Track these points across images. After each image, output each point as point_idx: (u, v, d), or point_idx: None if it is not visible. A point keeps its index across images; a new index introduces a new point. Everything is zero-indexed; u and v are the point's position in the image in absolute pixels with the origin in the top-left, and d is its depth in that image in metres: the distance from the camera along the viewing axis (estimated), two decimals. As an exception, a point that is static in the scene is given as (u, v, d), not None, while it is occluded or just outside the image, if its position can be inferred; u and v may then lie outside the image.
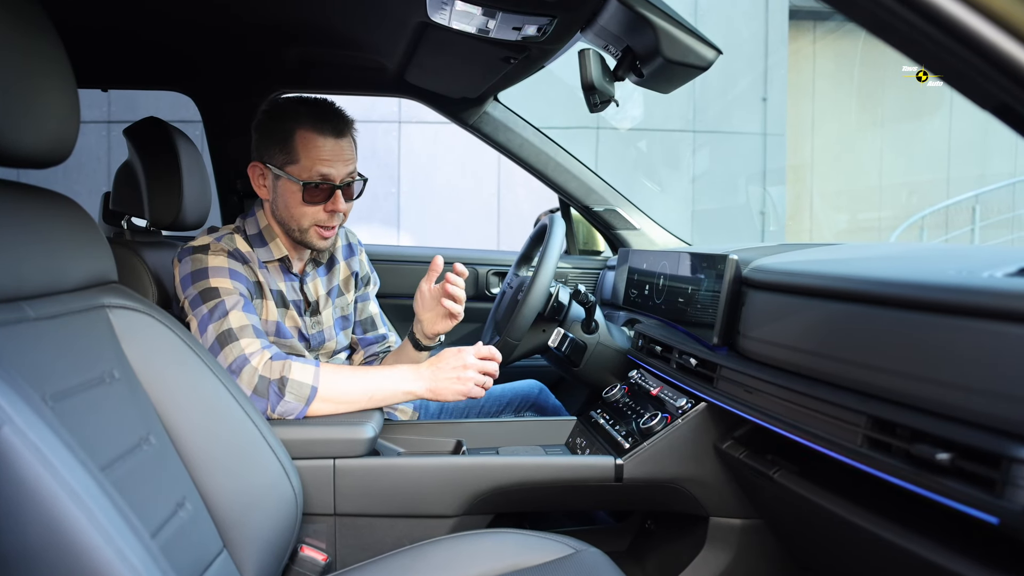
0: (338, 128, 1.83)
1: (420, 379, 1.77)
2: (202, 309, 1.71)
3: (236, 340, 1.67)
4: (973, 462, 0.92)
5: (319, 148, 1.80)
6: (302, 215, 1.84)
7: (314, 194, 1.82)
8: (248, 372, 1.65)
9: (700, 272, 1.82)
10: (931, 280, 1.04)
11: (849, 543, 1.29)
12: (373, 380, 1.75)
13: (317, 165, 1.80)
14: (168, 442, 1.27)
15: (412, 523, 1.67)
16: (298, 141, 1.80)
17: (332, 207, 1.84)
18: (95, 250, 1.29)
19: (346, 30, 2.15)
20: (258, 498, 1.39)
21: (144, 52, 2.37)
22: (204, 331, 1.69)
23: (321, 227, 1.86)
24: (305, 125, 1.80)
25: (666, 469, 1.69)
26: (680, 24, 1.57)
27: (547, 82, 2.55)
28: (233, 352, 1.66)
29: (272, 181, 1.86)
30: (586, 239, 3.07)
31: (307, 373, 1.68)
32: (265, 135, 1.86)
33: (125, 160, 2.14)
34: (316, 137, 1.80)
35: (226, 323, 1.69)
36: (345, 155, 1.84)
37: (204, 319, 1.70)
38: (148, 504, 1.11)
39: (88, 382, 1.10)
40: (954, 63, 0.76)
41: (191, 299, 1.73)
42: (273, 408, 1.65)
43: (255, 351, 1.67)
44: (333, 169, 1.81)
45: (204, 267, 1.75)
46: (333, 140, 1.82)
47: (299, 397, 1.65)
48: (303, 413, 1.67)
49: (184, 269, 1.77)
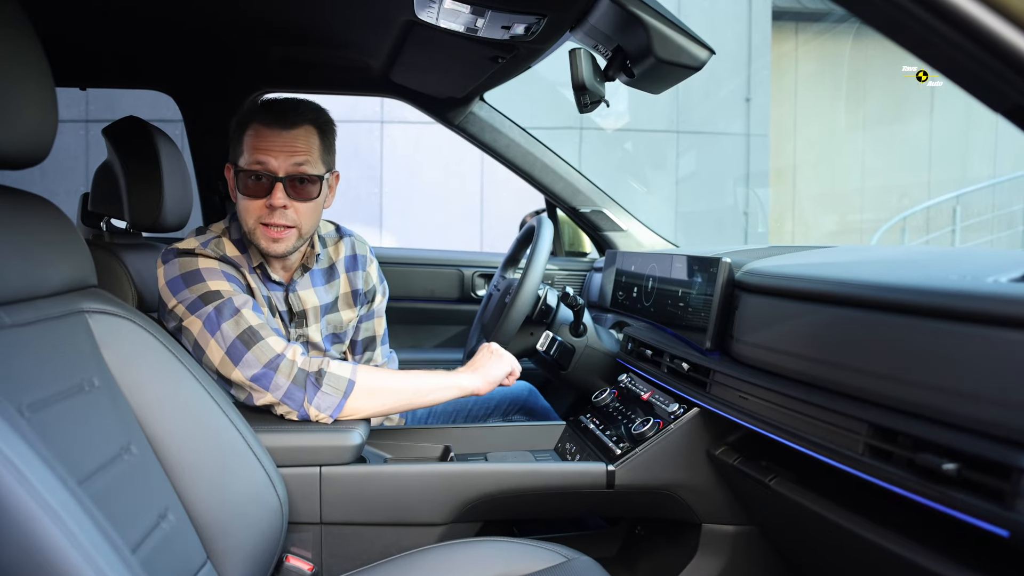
0: (288, 119, 1.74)
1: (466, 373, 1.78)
2: (206, 310, 1.65)
3: (262, 339, 1.63)
4: (981, 473, 0.90)
5: (260, 137, 1.73)
6: (244, 210, 1.75)
7: (250, 185, 1.73)
8: (286, 366, 1.61)
9: (691, 275, 1.80)
10: (935, 285, 1.01)
11: (847, 551, 1.27)
12: (419, 376, 1.73)
13: (255, 153, 1.72)
14: (150, 451, 1.24)
15: (400, 531, 1.63)
16: (247, 133, 1.75)
17: (270, 201, 1.72)
18: (73, 253, 1.25)
19: (330, 28, 2.11)
20: (242, 507, 1.36)
21: (123, 50, 2.32)
22: (215, 331, 1.63)
23: (265, 226, 1.74)
24: (258, 119, 1.75)
25: (658, 475, 1.67)
26: (672, 23, 1.55)
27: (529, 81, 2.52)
28: (264, 351, 1.62)
29: (233, 179, 1.80)
30: (572, 240, 3.05)
31: (344, 368, 1.65)
32: (231, 136, 1.82)
33: (104, 160, 2.09)
34: (262, 128, 1.74)
35: (243, 321, 1.64)
36: (291, 146, 1.73)
37: (211, 319, 1.64)
38: (129, 516, 1.07)
39: (67, 390, 1.07)
40: (967, 64, 0.74)
41: (188, 303, 1.66)
42: (310, 400, 1.61)
43: (284, 347, 1.64)
44: (272, 158, 1.72)
45: (195, 269, 1.69)
46: (279, 130, 1.73)
47: (337, 390, 1.62)
48: (340, 408, 1.63)
49: (171, 272, 1.70)
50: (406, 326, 2.91)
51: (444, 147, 8.22)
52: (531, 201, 3.10)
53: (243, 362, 1.62)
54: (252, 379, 1.62)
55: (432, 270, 2.95)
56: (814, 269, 1.40)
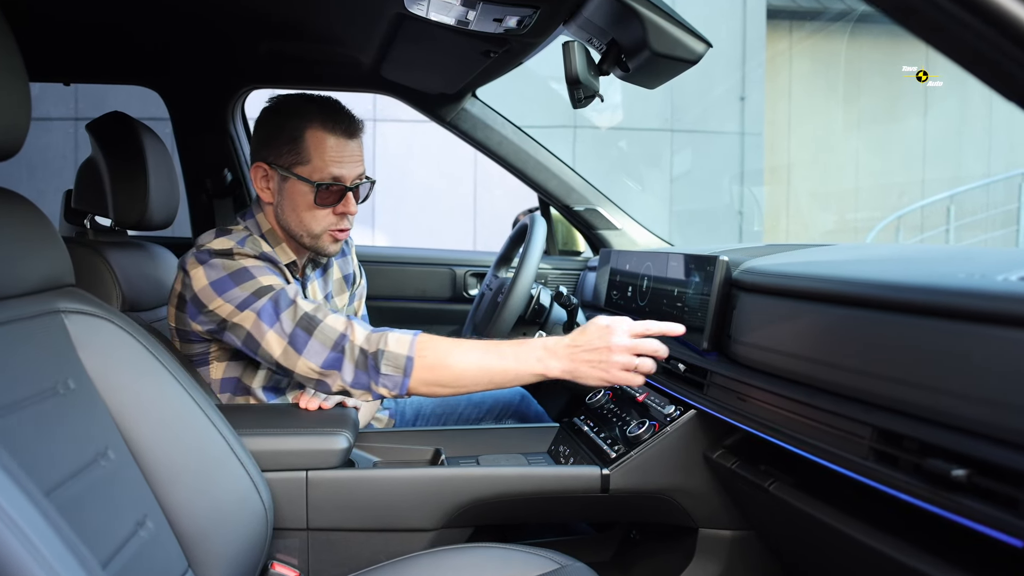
0: (350, 128, 1.75)
1: (555, 356, 1.57)
2: (260, 303, 1.61)
3: (320, 321, 1.59)
4: (992, 479, 0.86)
5: (331, 148, 1.72)
6: (313, 219, 1.75)
7: (326, 196, 1.73)
8: (350, 349, 1.57)
9: (687, 274, 1.76)
10: (943, 284, 0.98)
11: (848, 558, 1.24)
12: (490, 354, 1.59)
13: (330, 166, 1.71)
14: (128, 456, 1.19)
15: (389, 537, 1.60)
16: (309, 140, 1.72)
17: (343, 209, 1.76)
18: (49, 251, 1.21)
19: (319, 23, 2.07)
20: (226, 513, 1.32)
21: (107, 44, 2.28)
22: (273, 323, 1.59)
23: (333, 231, 1.78)
24: (316, 123, 1.72)
25: (654, 479, 1.63)
26: (668, 15, 1.52)
27: (523, 78, 2.49)
28: (327, 335, 1.58)
29: (278, 183, 1.76)
30: (566, 239, 3.02)
31: (403, 343, 1.58)
32: (271, 134, 1.76)
33: (88, 156, 2.05)
34: (328, 136, 1.72)
35: (299, 309, 1.60)
36: (356, 155, 1.76)
37: (268, 311, 1.60)
38: (104, 525, 1.03)
39: (38, 394, 1.03)
40: (983, 49, 0.70)
41: (241, 300, 1.61)
42: (376, 382, 1.57)
43: (345, 324, 1.60)
44: (345, 170, 1.73)
45: (243, 268, 1.65)
46: (345, 140, 1.74)
47: (396, 368, 1.56)
48: (404, 387, 1.57)
49: (214, 273, 1.64)
50: (397, 326, 2.86)
51: (437, 145, 8.19)
52: (525, 200, 3.07)
53: (308, 350, 1.58)
54: (324, 365, 1.58)
55: (424, 269, 2.91)
56: (815, 267, 1.37)
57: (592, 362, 1.55)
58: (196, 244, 1.71)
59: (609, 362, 1.54)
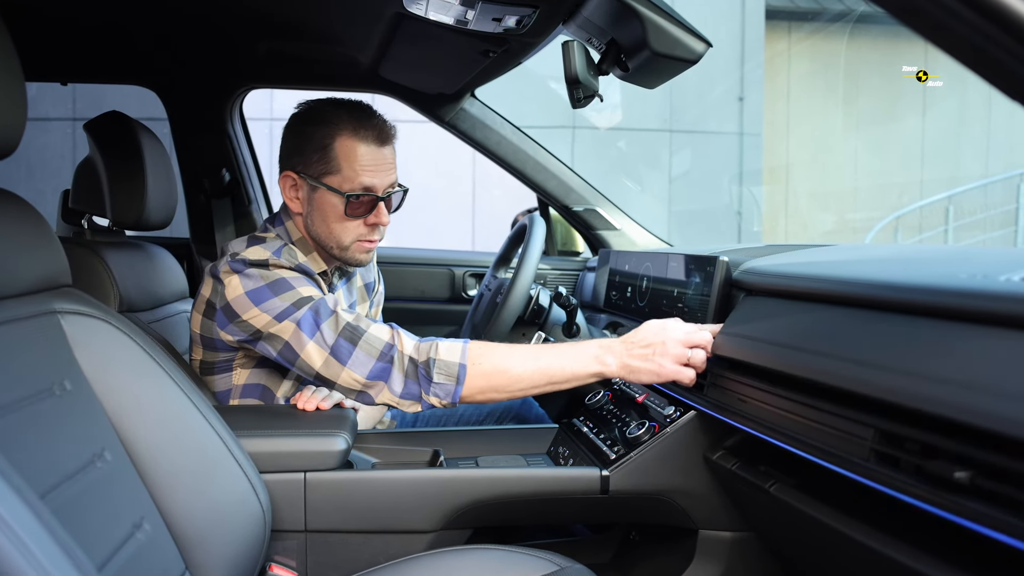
0: (381, 135, 1.71)
1: (611, 352, 1.55)
2: (300, 314, 1.57)
3: (365, 331, 1.56)
4: (996, 481, 0.85)
5: (362, 157, 1.68)
6: (343, 230, 1.72)
7: (356, 207, 1.70)
8: (398, 359, 1.55)
9: (687, 274, 1.76)
10: (945, 285, 0.97)
11: (849, 560, 1.23)
12: (546, 356, 1.56)
13: (361, 176, 1.68)
14: (125, 458, 1.19)
15: (388, 539, 1.59)
16: (338, 149, 1.68)
17: (375, 220, 1.73)
18: (45, 251, 1.20)
19: (318, 22, 2.07)
20: (224, 515, 1.31)
21: (105, 44, 2.27)
22: (313, 333, 1.56)
23: (364, 241, 1.75)
24: (346, 131, 1.68)
25: (654, 481, 1.62)
26: (668, 15, 1.51)
27: (522, 79, 2.48)
28: (373, 344, 1.55)
29: (307, 193, 1.72)
30: (565, 240, 3.01)
31: (454, 351, 1.55)
32: (299, 142, 1.72)
33: (86, 156, 2.04)
34: (359, 145, 1.68)
35: (340, 320, 1.57)
36: (388, 164, 1.73)
37: (308, 321, 1.56)
38: (100, 527, 1.02)
39: (34, 395, 1.02)
40: (987, 48, 0.69)
41: (280, 310, 1.58)
42: (427, 392, 1.55)
43: (391, 334, 1.58)
44: (377, 179, 1.70)
45: (281, 278, 1.61)
46: (376, 148, 1.70)
47: (449, 376, 1.53)
48: (458, 394, 1.54)
49: (251, 283, 1.60)
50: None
51: (435, 145, 8.16)
52: (524, 200, 3.06)
53: (353, 360, 1.55)
54: (370, 376, 1.55)
55: (422, 270, 2.91)
56: (816, 268, 1.36)
57: (646, 356, 1.53)
58: (229, 252, 1.67)
59: (664, 355, 1.52)
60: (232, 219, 2.76)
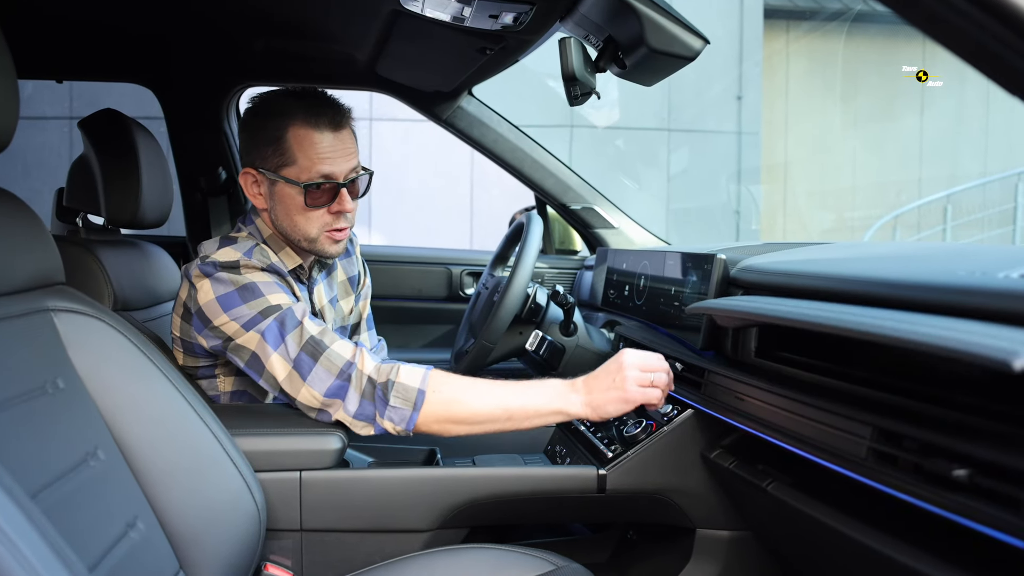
0: (335, 120, 1.66)
1: (574, 390, 1.57)
2: (265, 323, 1.54)
3: (327, 347, 1.53)
4: (995, 479, 0.85)
5: (316, 144, 1.63)
6: (307, 222, 1.67)
7: (317, 196, 1.64)
8: (357, 378, 1.52)
9: (685, 272, 1.75)
10: (944, 281, 0.96)
11: (847, 559, 1.22)
12: (509, 392, 1.55)
13: (317, 164, 1.63)
14: (119, 456, 1.18)
15: (383, 538, 1.58)
16: (292, 139, 1.63)
17: (338, 208, 1.67)
18: (38, 248, 1.19)
19: (314, 19, 2.06)
20: (218, 514, 1.31)
21: (100, 41, 2.26)
22: (278, 345, 1.53)
23: (331, 231, 1.69)
24: (298, 120, 1.63)
25: (651, 479, 1.62)
26: (665, 11, 1.50)
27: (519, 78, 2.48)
28: (333, 361, 1.52)
29: (268, 188, 1.68)
30: (563, 238, 3.00)
31: (415, 376, 1.52)
32: (254, 137, 1.68)
33: (80, 154, 2.03)
34: (312, 132, 1.63)
35: (305, 332, 1.53)
36: (346, 149, 1.67)
37: (274, 332, 1.53)
38: (93, 527, 1.02)
39: (26, 393, 1.01)
40: (985, 42, 0.68)
41: (247, 319, 1.55)
42: (381, 414, 1.51)
43: (353, 352, 1.54)
44: (335, 166, 1.64)
45: (250, 283, 1.57)
46: (331, 134, 1.65)
47: (406, 401, 1.50)
48: (412, 422, 1.51)
49: (221, 288, 1.57)
50: (393, 325, 2.85)
51: (434, 144, 8.17)
52: (522, 199, 3.05)
53: (312, 376, 1.52)
54: (327, 394, 1.52)
55: (420, 268, 2.90)
56: (814, 265, 1.35)
57: (608, 386, 1.55)
58: (200, 254, 1.64)
59: (625, 380, 1.53)
60: (228, 217, 2.75)
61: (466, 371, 1.98)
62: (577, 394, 1.56)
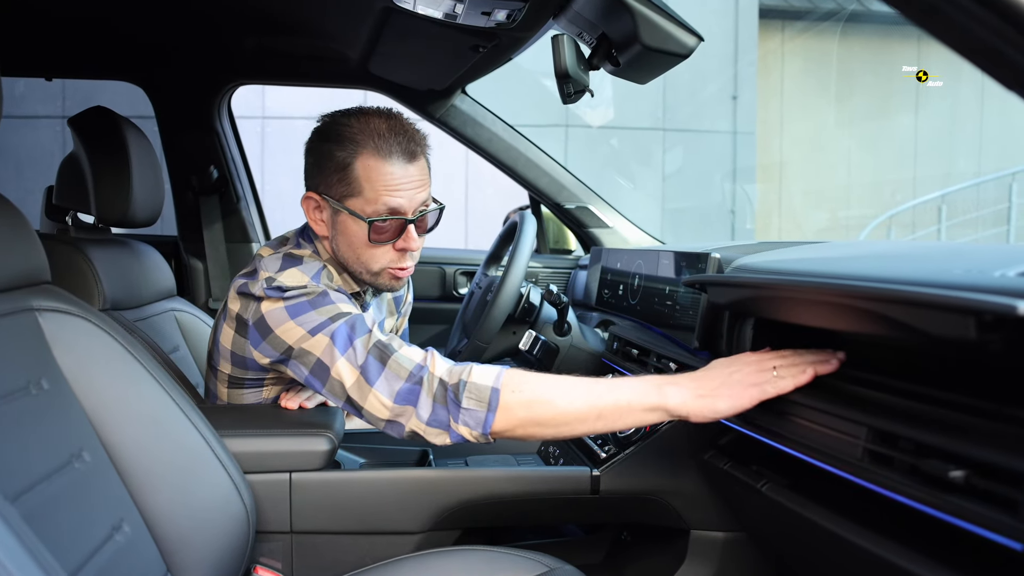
0: (409, 149, 1.55)
1: (673, 383, 1.32)
2: (334, 326, 1.43)
3: (395, 351, 1.41)
4: (991, 480, 0.84)
5: (386, 177, 1.53)
6: (371, 257, 1.58)
7: (382, 232, 1.55)
8: (428, 380, 1.38)
9: (679, 272, 1.74)
10: (942, 281, 0.95)
11: (842, 560, 1.21)
12: (599, 388, 1.35)
13: (384, 196, 1.53)
14: (105, 458, 1.16)
15: (375, 540, 1.56)
16: (360, 169, 1.53)
17: (404, 245, 1.58)
18: (23, 247, 1.18)
19: (306, 16, 2.05)
20: (206, 516, 1.29)
21: (90, 38, 2.24)
22: (346, 350, 1.42)
23: (394, 269, 1.61)
24: (368, 148, 1.53)
25: (645, 481, 1.61)
26: (659, 8, 1.49)
27: (513, 78, 2.46)
28: (402, 364, 1.39)
29: (331, 216, 1.59)
30: (557, 237, 2.99)
31: (487, 374, 1.36)
32: (320, 161, 1.58)
33: (70, 152, 2.01)
34: (382, 163, 1.53)
35: (373, 337, 1.43)
36: (418, 181, 1.57)
37: (342, 335, 1.42)
38: (76, 530, 1.00)
39: (9, 394, 0.99)
40: (980, 34, 0.67)
41: (315, 324, 1.44)
42: (455, 419, 1.36)
43: (424, 356, 1.42)
44: (404, 200, 1.54)
45: (322, 294, 1.49)
46: (403, 164, 1.55)
47: (479, 402, 1.34)
48: (488, 424, 1.34)
49: (287, 303, 1.48)
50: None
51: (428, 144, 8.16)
52: (517, 199, 3.04)
53: (380, 381, 1.39)
54: (397, 400, 1.38)
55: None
56: (808, 264, 1.34)
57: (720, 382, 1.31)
58: (262, 273, 1.53)
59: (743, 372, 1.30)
60: (220, 216, 2.73)
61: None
62: (677, 387, 1.32)
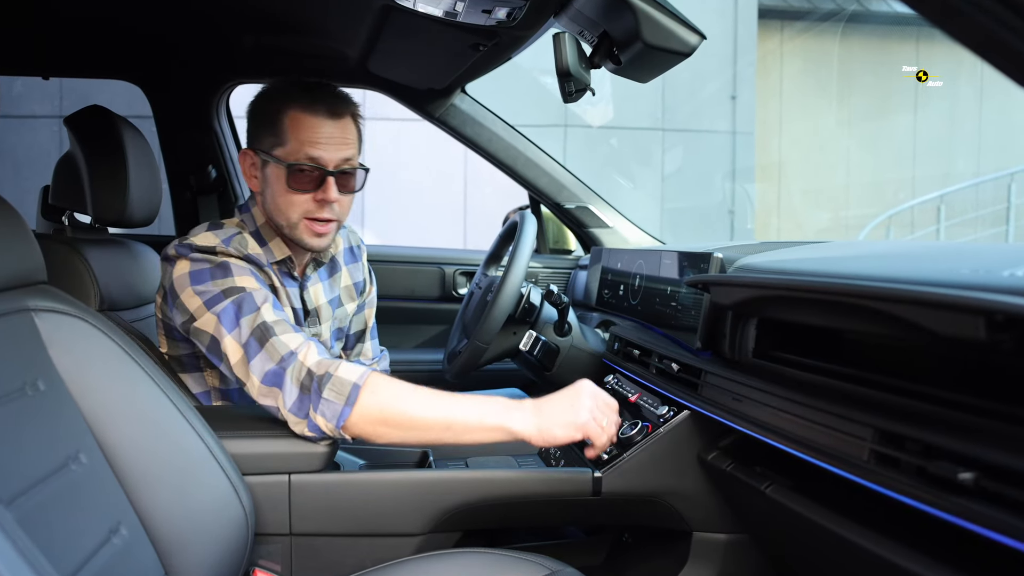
0: (334, 108, 1.66)
1: (520, 409, 1.48)
2: (223, 304, 1.51)
3: (275, 335, 1.47)
4: (1001, 483, 0.82)
5: (310, 128, 1.64)
6: (289, 204, 1.66)
7: (300, 179, 1.64)
8: (296, 368, 1.44)
9: (680, 271, 1.73)
10: (950, 280, 0.94)
11: (846, 563, 1.20)
12: (452, 402, 1.47)
13: (306, 147, 1.63)
14: (102, 460, 1.15)
15: (375, 542, 1.55)
16: (288, 121, 1.64)
17: (322, 195, 1.65)
18: (19, 247, 1.16)
19: (305, 14, 2.03)
20: (205, 518, 1.28)
21: (87, 37, 2.23)
22: (232, 328, 1.49)
23: (312, 220, 1.68)
24: (297, 104, 1.65)
25: (647, 482, 1.59)
26: (661, 6, 1.48)
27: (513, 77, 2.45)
28: (277, 348, 1.46)
29: (261, 168, 1.71)
30: (557, 237, 2.98)
31: (353, 372, 1.44)
32: (255, 118, 1.71)
33: (66, 151, 2.00)
34: (307, 116, 1.64)
35: (259, 317, 1.49)
36: (341, 138, 1.67)
37: (229, 314, 1.50)
38: (72, 533, 0.99)
39: (4, 395, 0.98)
40: (997, 31, 0.66)
41: (209, 296, 1.53)
42: (315, 407, 1.41)
43: (300, 344, 1.47)
44: (324, 152, 1.64)
45: (223, 263, 1.57)
46: (328, 120, 1.65)
47: (339, 395, 1.41)
48: (343, 417, 1.41)
49: (191, 266, 1.57)
50: (385, 326, 2.82)
51: (427, 143, 8.14)
52: (516, 198, 3.02)
53: (256, 360, 1.46)
54: (265, 380, 1.45)
55: (412, 268, 2.87)
56: (813, 264, 1.33)
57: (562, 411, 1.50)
58: (183, 237, 1.65)
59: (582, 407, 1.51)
60: (219, 216, 2.72)
61: (459, 372, 1.97)
62: (523, 412, 1.48)
